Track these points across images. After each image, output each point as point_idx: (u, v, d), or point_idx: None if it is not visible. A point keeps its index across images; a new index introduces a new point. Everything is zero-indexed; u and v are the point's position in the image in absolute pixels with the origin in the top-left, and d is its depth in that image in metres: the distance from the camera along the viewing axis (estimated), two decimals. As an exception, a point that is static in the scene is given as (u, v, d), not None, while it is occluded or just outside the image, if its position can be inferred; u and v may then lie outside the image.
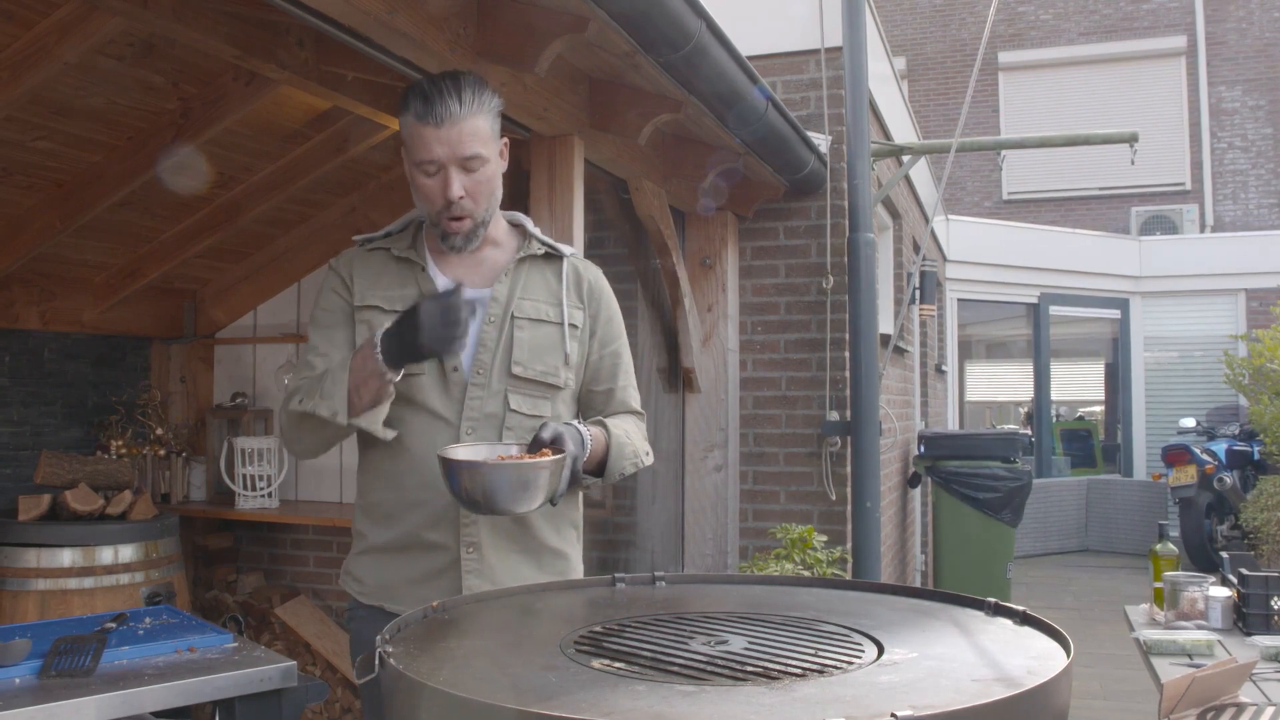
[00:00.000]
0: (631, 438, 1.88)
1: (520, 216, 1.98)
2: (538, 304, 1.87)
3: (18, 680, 1.88)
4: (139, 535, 3.71)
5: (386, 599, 1.82)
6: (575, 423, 1.76)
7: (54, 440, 4.30)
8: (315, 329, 1.90)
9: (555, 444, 1.66)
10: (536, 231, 1.95)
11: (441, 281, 1.85)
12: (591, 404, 1.95)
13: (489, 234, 1.88)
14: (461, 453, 1.67)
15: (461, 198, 1.77)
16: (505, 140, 1.87)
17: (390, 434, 1.78)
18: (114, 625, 2.21)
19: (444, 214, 1.79)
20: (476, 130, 1.76)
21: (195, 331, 4.79)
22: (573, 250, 1.98)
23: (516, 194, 3.72)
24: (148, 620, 2.33)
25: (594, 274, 1.97)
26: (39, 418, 4.26)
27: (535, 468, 1.60)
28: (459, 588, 1.76)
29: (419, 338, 1.63)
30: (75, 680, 1.89)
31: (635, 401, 1.98)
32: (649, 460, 1.91)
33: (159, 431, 4.50)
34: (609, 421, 1.86)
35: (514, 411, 1.82)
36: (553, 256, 1.94)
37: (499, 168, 1.84)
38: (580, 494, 1.97)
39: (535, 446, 1.67)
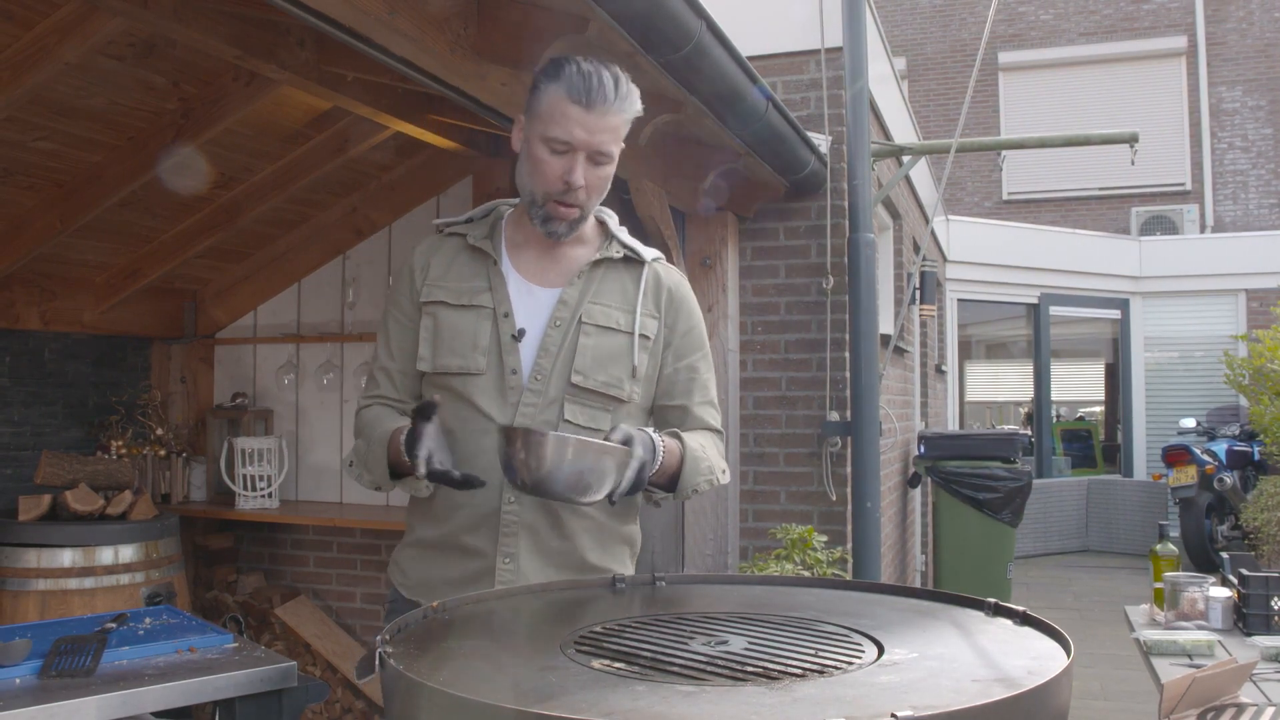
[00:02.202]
0: (708, 453, 1.79)
1: (606, 213, 1.89)
2: (609, 310, 1.79)
3: (18, 680, 1.88)
4: (139, 535, 3.71)
5: (425, 595, 1.79)
6: (649, 430, 1.68)
7: (54, 440, 4.30)
8: (385, 325, 1.88)
9: (626, 444, 1.60)
10: (620, 233, 1.86)
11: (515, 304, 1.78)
12: (665, 420, 1.86)
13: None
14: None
15: (581, 187, 1.71)
16: (623, 145, 1.81)
17: (428, 489, 1.76)
18: (114, 625, 2.20)
19: (556, 196, 1.72)
20: (618, 127, 1.73)
21: (196, 331, 4.79)
22: (657, 255, 1.87)
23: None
24: (148, 620, 2.33)
25: (676, 282, 1.87)
26: (39, 418, 4.26)
27: (601, 451, 1.54)
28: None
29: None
30: (75, 680, 1.89)
31: (714, 419, 1.88)
32: (725, 479, 1.81)
33: (159, 432, 4.50)
34: (685, 435, 1.78)
35: (568, 422, 1.74)
36: (633, 261, 1.84)
37: (614, 172, 1.79)
38: (639, 511, 1.90)
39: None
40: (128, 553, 3.66)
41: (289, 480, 4.62)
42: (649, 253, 1.85)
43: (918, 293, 6.09)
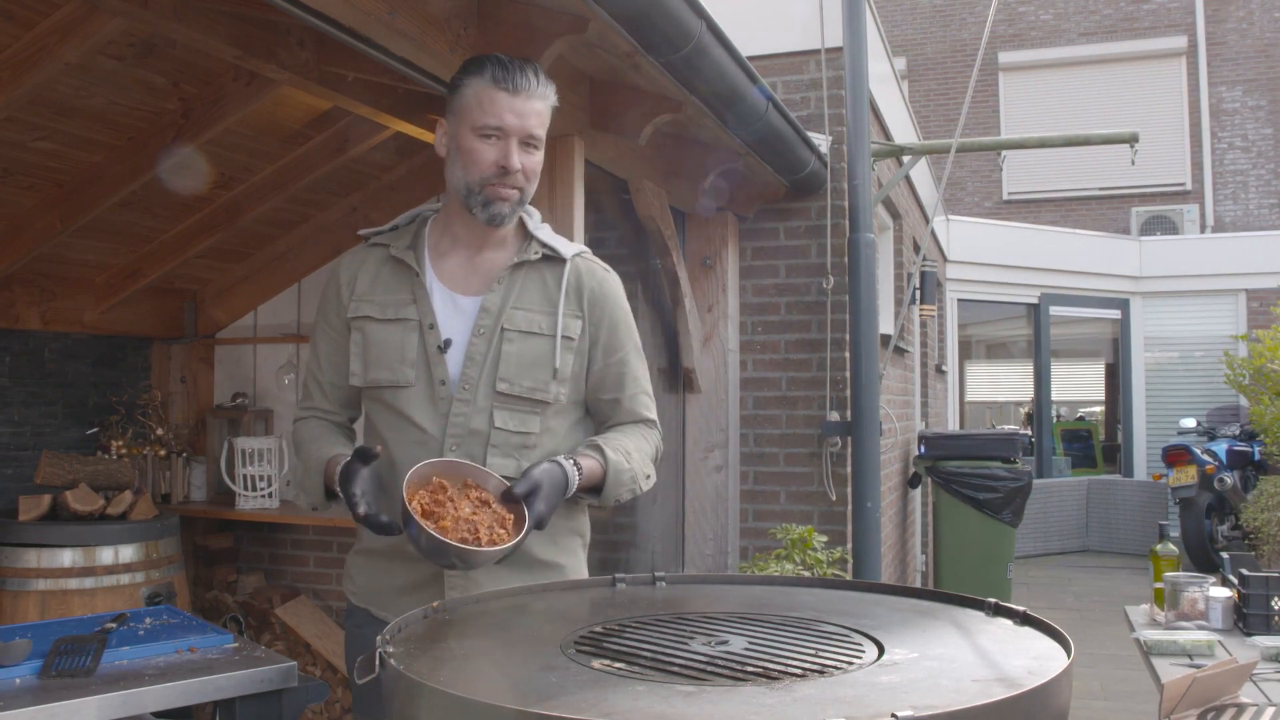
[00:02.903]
0: (632, 461, 1.79)
1: (526, 212, 1.88)
2: (530, 314, 1.79)
3: (18, 680, 1.88)
4: (139, 535, 3.71)
5: (373, 603, 1.82)
6: (562, 461, 1.69)
7: (54, 440, 4.30)
8: (315, 336, 1.91)
9: (529, 498, 1.60)
10: (539, 232, 1.85)
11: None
12: (599, 411, 1.88)
13: (494, 231, 1.82)
14: (434, 468, 1.61)
15: (519, 170, 1.75)
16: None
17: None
18: (114, 625, 2.21)
19: (494, 180, 1.74)
20: (544, 113, 1.78)
21: (196, 331, 4.79)
22: (578, 250, 1.87)
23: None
24: (148, 620, 2.34)
25: (599, 278, 1.87)
26: (39, 418, 4.26)
27: (483, 556, 1.53)
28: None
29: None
30: (76, 680, 1.89)
31: (646, 409, 1.90)
32: (648, 485, 1.83)
33: (159, 432, 4.50)
34: (609, 445, 1.78)
35: (499, 429, 1.76)
36: (554, 259, 1.84)
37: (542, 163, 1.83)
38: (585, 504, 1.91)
39: (506, 497, 1.61)
40: (128, 553, 3.66)
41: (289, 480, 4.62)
42: (569, 249, 1.85)
43: (918, 293, 6.09)
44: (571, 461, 1.71)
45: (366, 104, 3.01)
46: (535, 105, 1.75)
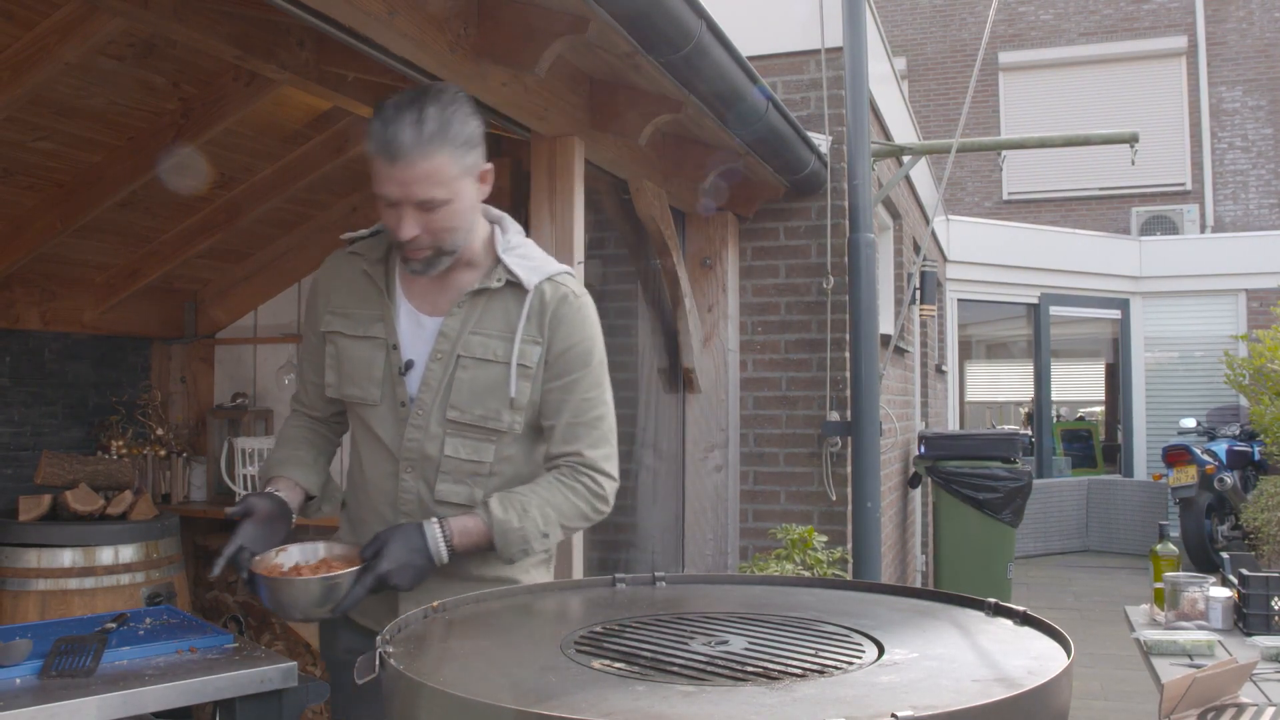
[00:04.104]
0: (526, 519, 1.69)
1: (502, 227, 1.79)
2: (487, 340, 1.73)
3: (18, 680, 1.88)
4: (139, 535, 3.71)
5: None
6: (425, 523, 1.66)
7: (55, 440, 4.30)
8: (303, 338, 1.93)
9: (377, 555, 1.61)
10: (506, 256, 1.76)
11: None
12: (546, 438, 1.80)
13: (461, 254, 1.74)
14: (271, 557, 1.67)
15: (416, 236, 1.64)
16: (488, 166, 1.70)
17: (318, 510, 1.89)
18: (114, 625, 2.20)
19: (400, 244, 1.68)
20: (433, 172, 1.60)
21: (196, 332, 4.79)
22: (547, 275, 1.76)
23: (517, 195, 3.72)
24: (148, 620, 2.33)
25: (559, 298, 1.75)
26: (40, 418, 4.26)
27: (287, 585, 1.59)
28: (395, 610, 1.68)
29: None
30: (76, 680, 1.89)
31: (582, 441, 1.75)
32: (546, 543, 1.73)
33: (159, 432, 4.50)
34: (504, 500, 1.69)
35: (449, 456, 1.74)
36: (516, 284, 1.74)
37: (469, 202, 1.68)
38: None
39: (360, 557, 1.64)
40: (128, 553, 3.66)
41: (289, 480, 4.61)
42: (534, 277, 1.74)
43: (918, 293, 6.09)
44: (436, 523, 1.67)
45: (366, 104, 3.01)
46: (418, 169, 1.58)
